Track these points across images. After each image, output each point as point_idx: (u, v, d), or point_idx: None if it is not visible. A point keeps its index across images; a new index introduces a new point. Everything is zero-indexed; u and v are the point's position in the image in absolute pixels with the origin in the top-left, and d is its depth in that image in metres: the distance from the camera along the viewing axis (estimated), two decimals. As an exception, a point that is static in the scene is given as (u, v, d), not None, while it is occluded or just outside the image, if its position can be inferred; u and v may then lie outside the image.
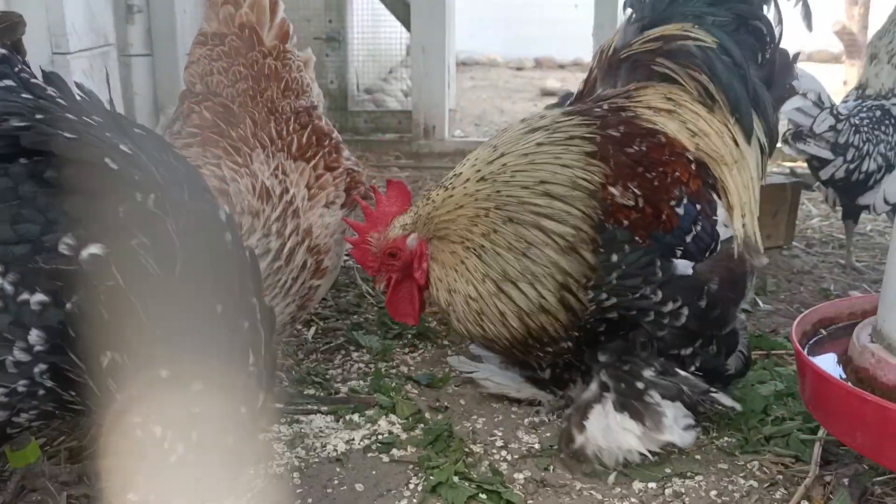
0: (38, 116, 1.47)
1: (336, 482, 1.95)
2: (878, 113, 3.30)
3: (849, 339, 1.89)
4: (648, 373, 2.02)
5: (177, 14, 4.47)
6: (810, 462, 1.98)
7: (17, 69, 1.66)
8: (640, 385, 2.01)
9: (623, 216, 1.97)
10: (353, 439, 2.13)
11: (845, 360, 1.86)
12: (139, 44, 4.55)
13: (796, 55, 2.36)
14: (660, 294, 1.98)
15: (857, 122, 3.25)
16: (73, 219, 1.38)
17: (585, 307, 1.97)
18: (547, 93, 8.65)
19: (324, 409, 2.28)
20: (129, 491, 1.43)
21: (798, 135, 3.23)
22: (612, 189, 1.98)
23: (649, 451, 1.99)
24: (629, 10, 2.30)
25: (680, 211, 2.01)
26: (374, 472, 1.99)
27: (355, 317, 2.95)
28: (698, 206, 2.04)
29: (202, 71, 2.47)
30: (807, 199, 4.53)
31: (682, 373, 2.06)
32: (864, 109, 3.34)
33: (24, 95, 1.56)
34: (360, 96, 6.61)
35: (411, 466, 2.02)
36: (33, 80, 1.64)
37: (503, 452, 2.09)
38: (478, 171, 2.05)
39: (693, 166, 2.07)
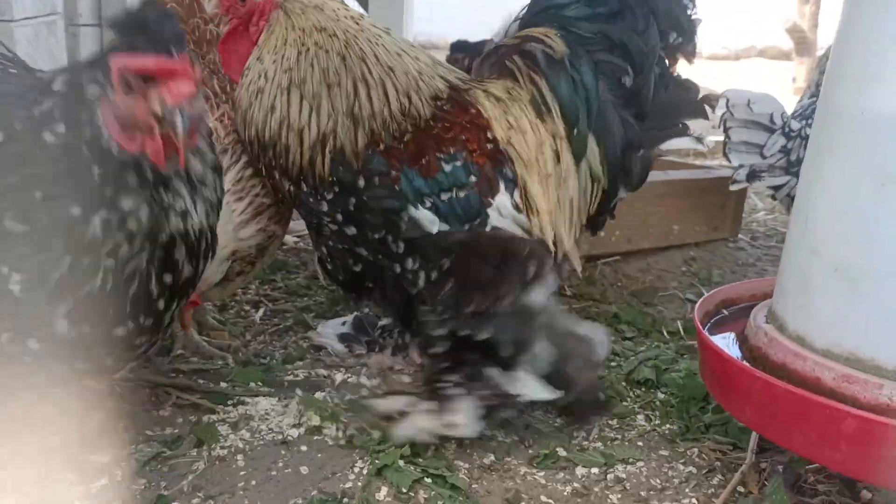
0: None
1: (280, 465, 1.94)
2: None
3: (747, 319, 1.96)
4: (453, 377, 2.04)
5: (127, -16, 4.36)
6: (747, 449, 2.03)
7: None
8: (441, 385, 2.05)
9: (381, 141, 2.02)
10: (299, 422, 2.12)
11: (742, 339, 1.96)
12: (88, 14, 4.41)
13: (707, 97, 2.35)
14: (402, 246, 2.04)
15: (809, 132, 3.26)
16: None
17: (324, 179, 2.03)
18: (504, 79, 8.64)
19: (270, 391, 2.26)
20: None
21: (752, 174, 3.22)
22: (386, 115, 2.03)
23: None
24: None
25: (446, 167, 2.05)
26: (319, 455, 1.98)
27: (305, 299, 2.93)
28: (472, 178, 2.07)
29: (143, 37, 2.45)
30: (753, 192, 4.63)
31: (485, 372, 2.03)
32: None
33: None
34: (316, 76, 6.53)
35: (357, 450, 2.01)
36: None
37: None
38: (368, 27, 2.13)
39: (490, 146, 2.11)
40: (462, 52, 4.78)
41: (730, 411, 1.93)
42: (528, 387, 2.06)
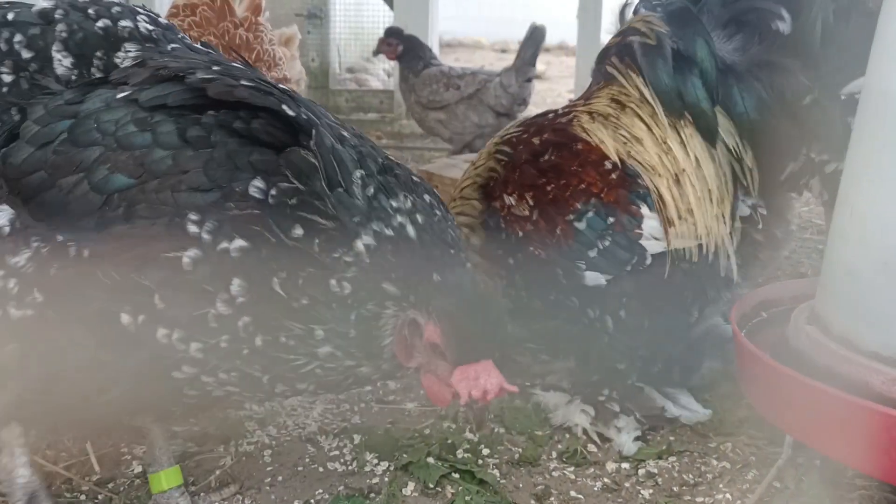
0: (216, 68, 1.51)
1: (307, 460, 1.93)
2: None
3: (788, 321, 1.88)
4: (606, 391, 2.09)
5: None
6: (783, 444, 1.98)
7: (180, 35, 1.74)
8: (600, 398, 2.09)
9: (519, 227, 2.01)
10: (327, 418, 2.11)
11: (782, 342, 1.85)
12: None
13: None
14: (576, 301, 2.00)
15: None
16: (257, 167, 1.38)
17: None
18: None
19: (297, 387, 2.25)
20: None
21: None
22: (507, 198, 2.02)
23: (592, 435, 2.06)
24: None
25: (580, 225, 1.96)
26: (345, 451, 1.97)
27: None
28: (611, 219, 1.95)
29: (173, 41, 2.45)
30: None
31: (645, 391, 2.08)
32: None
33: (194, 52, 1.66)
34: (342, 75, 6.55)
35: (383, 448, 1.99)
36: (195, 46, 1.74)
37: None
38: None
39: (613, 176, 1.97)
40: (395, 37, 4.92)
41: (769, 419, 1.84)
42: (688, 409, 2.10)
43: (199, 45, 1.74)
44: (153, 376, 1.41)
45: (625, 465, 1.95)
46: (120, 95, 1.45)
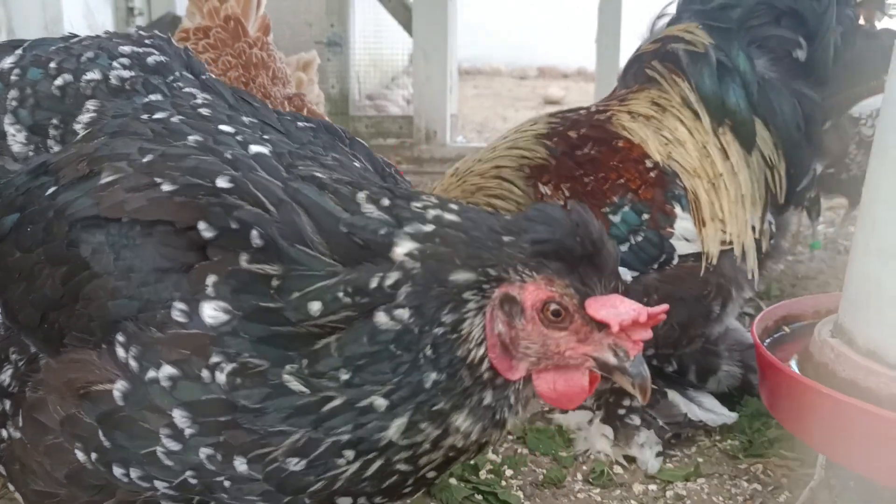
0: (156, 146, 1.22)
1: (328, 482, 1.90)
2: None
3: (811, 336, 1.85)
4: (627, 402, 2.04)
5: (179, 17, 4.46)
6: (815, 465, 1.92)
7: (172, 77, 1.44)
8: (621, 411, 2.05)
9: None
10: None
11: (806, 356, 1.83)
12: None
13: None
14: None
15: None
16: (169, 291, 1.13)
17: None
18: (550, 101, 8.63)
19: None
20: None
21: None
22: (542, 187, 2.01)
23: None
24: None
25: (615, 219, 1.97)
26: (367, 472, 1.94)
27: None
28: (644, 216, 1.98)
29: (190, 64, 2.48)
30: (811, 205, 4.47)
31: (668, 395, 2.04)
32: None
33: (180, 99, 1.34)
34: (362, 102, 6.59)
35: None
36: (186, 90, 1.41)
37: (500, 451, 2.04)
38: (455, 167, 2.20)
39: (652, 174, 2.00)
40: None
41: (793, 432, 1.80)
42: (713, 412, 2.07)
43: (197, 85, 1.42)
44: None
45: (652, 487, 1.91)
46: (48, 192, 1.23)
